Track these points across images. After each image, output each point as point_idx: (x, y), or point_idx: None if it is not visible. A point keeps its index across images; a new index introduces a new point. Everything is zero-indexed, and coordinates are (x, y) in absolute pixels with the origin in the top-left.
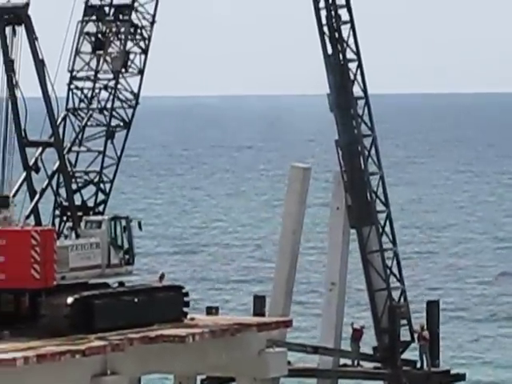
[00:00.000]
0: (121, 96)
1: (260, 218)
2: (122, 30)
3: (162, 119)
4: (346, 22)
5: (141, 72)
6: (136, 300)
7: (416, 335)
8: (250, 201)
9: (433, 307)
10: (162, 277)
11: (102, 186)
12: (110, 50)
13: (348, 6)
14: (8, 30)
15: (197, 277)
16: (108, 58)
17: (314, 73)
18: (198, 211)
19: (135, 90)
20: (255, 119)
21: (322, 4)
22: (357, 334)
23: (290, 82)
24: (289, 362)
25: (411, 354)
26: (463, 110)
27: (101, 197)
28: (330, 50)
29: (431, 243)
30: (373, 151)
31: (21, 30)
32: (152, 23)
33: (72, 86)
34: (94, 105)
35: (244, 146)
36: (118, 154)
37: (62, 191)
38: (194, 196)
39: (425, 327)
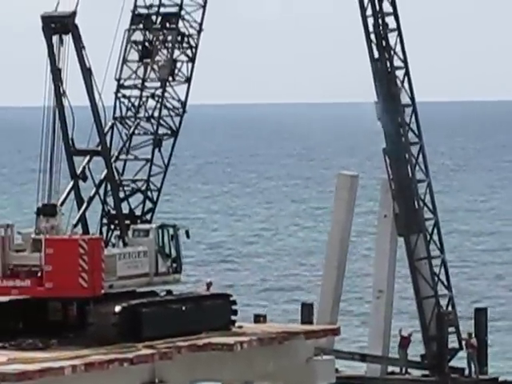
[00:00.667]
0: (168, 104)
1: (305, 226)
2: (169, 38)
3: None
4: (393, 30)
5: (188, 80)
6: (184, 308)
7: (464, 343)
8: (294, 209)
9: (480, 315)
10: (209, 285)
11: (149, 194)
12: (157, 58)
13: (395, 13)
14: (55, 38)
15: (244, 285)
16: (155, 67)
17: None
18: (244, 219)
19: (182, 99)
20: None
21: (369, 12)
22: (404, 342)
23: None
24: (336, 370)
25: (459, 361)
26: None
27: (148, 205)
28: (376, 53)
29: (479, 251)
30: (420, 159)
31: (68, 39)
32: (199, 31)
33: (119, 95)
34: (141, 113)
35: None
36: (166, 162)
37: (110, 200)
38: (239, 204)
39: (473, 335)
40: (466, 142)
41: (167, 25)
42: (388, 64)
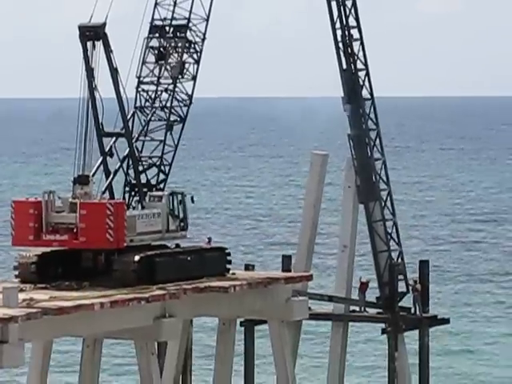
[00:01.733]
0: (178, 97)
1: (286, 194)
2: (179, 44)
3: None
4: (356, 40)
5: (194, 78)
6: (189, 258)
7: (410, 287)
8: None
9: (424, 265)
10: (210, 240)
11: (162, 168)
12: (169, 60)
13: (358, 26)
14: (89, 44)
15: (238, 241)
16: (168, 67)
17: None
18: (237, 190)
19: (189, 92)
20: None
21: (337, 25)
22: (363, 287)
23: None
24: (309, 308)
25: (406, 302)
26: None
27: (161, 176)
28: (343, 62)
29: (419, 216)
30: (377, 142)
31: (99, 45)
32: (203, 39)
33: (139, 89)
34: (157, 104)
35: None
36: (176, 142)
37: (131, 172)
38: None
39: (417, 281)
40: (410, 129)
41: (178, 34)
42: (352, 67)
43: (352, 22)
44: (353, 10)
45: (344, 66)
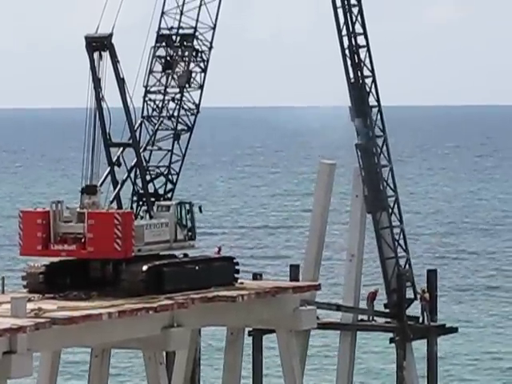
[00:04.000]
0: (185, 106)
1: (294, 204)
2: (186, 53)
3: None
4: (363, 47)
5: (201, 87)
6: (197, 268)
7: (418, 297)
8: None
9: (432, 275)
10: (219, 249)
11: (170, 177)
12: (176, 69)
13: (365, 33)
14: (96, 54)
15: (246, 250)
16: (175, 76)
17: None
18: (245, 199)
19: (196, 101)
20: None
21: (344, 32)
22: (372, 296)
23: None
24: (317, 318)
25: (415, 311)
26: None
27: (169, 186)
28: (350, 69)
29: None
30: (384, 149)
31: (106, 55)
32: (210, 48)
33: (146, 99)
34: (164, 113)
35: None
36: (183, 151)
37: (139, 182)
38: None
39: (425, 290)
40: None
41: (185, 43)
42: (359, 74)
43: (358, 29)
44: (359, 17)
45: (351, 76)
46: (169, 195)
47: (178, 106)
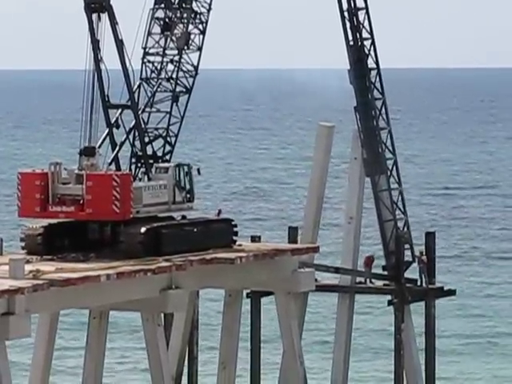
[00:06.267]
0: (183, 68)
1: (291, 167)
2: (185, 15)
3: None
4: (361, 9)
5: (199, 49)
6: (195, 230)
7: (416, 259)
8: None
9: (430, 237)
10: (219, 212)
11: (168, 139)
12: (175, 31)
13: None
14: (94, 16)
15: (245, 212)
16: (174, 38)
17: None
18: (244, 162)
19: (195, 63)
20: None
21: None
22: (368, 261)
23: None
24: (316, 280)
25: (412, 274)
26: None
27: (168, 148)
28: (350, 35)
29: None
30: (383, 111)
31: (104, 17)
32: (209, 10)
33: (145, 60)
34: (163, 75)
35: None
36: (182, 114)
37: (137, 143)
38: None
39: (423, 252)
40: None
41: (183, 5)
42: (358, 36)
43: None
44: None
45: (350, 39)
46: (167, 157)
47: (176, 68)
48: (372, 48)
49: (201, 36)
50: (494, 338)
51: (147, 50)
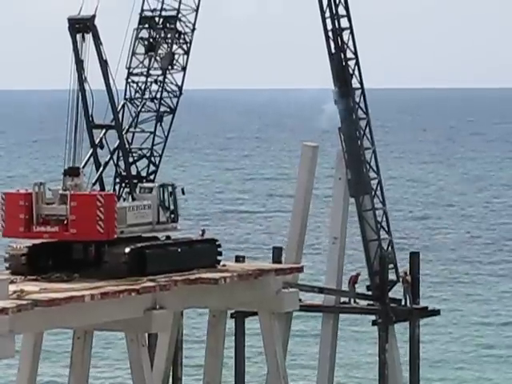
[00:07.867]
0: (168, 88)
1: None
2: (169, 35)
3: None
4: (346, 29)
5: (184, 69)
6: (179, 250)
7: (401, 279)
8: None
9: (414, 257)
10: (203, 232)
11: (152, 159)
12: (159, 51)
13: (348, 15)
14: (78, 36)
15: (229, 232)
16: (158, 58)
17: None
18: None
19: (179, 83)
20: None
21: (327, 14)
22: (354, 279)
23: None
24: (300, 300)
25: (397, 294)
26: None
27: (152, 168)
28: (334, 52)
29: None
30: (367, 131)
31: (89, 37)
32: (192, 30)
33: (129, 80)
34: (147, 95)
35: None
36: (166, 133)
37: (121, 163)
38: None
39: (407, 272)
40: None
41: (167, 25)
42: (342, 56)
43: (342, 11)
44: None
45: (334, 56)
46: (151, 177)
47: (160, 88)
48: (356, 68)
49: (185, 56)
50: (478, 358)
51: (131, 70)
